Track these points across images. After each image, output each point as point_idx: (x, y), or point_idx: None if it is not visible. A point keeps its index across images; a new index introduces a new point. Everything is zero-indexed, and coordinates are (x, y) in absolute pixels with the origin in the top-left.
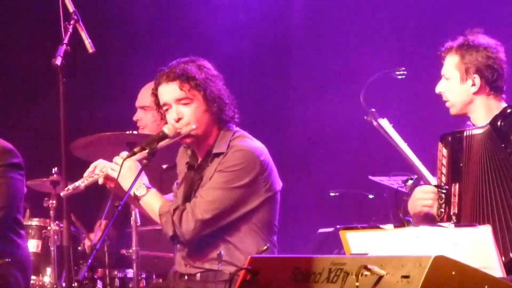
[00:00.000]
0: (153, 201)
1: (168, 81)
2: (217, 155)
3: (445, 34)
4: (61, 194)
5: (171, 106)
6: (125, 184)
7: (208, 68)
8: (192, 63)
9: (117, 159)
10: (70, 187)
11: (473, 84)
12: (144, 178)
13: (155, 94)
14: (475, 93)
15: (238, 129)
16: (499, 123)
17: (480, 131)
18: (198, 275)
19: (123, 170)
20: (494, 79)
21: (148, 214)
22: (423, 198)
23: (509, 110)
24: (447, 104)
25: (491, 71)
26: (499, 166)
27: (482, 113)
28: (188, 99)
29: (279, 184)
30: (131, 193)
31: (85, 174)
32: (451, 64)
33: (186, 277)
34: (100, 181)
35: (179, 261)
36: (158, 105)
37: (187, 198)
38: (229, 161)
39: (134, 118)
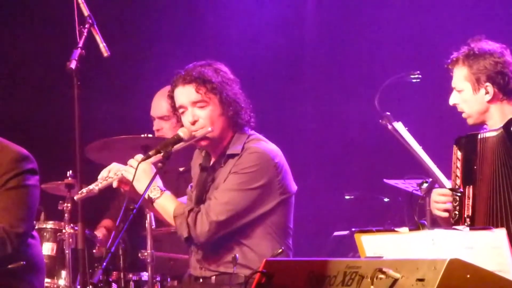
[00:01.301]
0: (167, 204)
1: (185, 83)
2: (231, 156)
3: (459, 36)
4: (75, 197)
5: (187, 109)
6: (139, 187)
7: (224, 72)
8: (208, 66)
9: (132, 162)
10: (84, 190)
11: (487, 93)
12: (158, 181)
13: (171, 96)
14: (490, 101)
15: (253, 133)
16: None
17: (494, 134)
18: (213, 278)
19: (137, 172)
20: (506, 84)
21: (163, 216)
22: (440, 201)
23: None
24: (463, 116)
25: (501, 77)
26: (511, 170)
27: (498, 118)
28: (204, 102)
29: (293, 187)
30: (146, 195)
31: (99, 177)
32: (460, 76)
33: (201, 280)
34: (115, 184)
35: (194, 264)
36: (174, 108)
37: (200, 199)
38: (244, 163)
39: (154, 128)
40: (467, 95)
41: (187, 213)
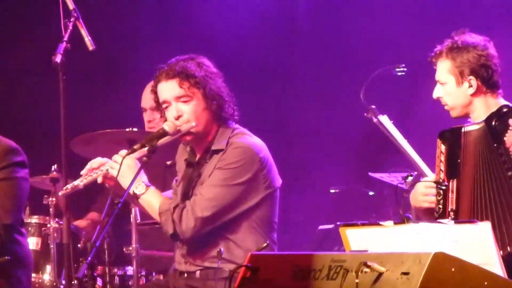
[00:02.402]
0: (152, 199)
1: (168, 78)
2: (216, 152)
3: (443, 30)
4: (60, 193)
5: (170, 104)
6: (124, 182)
7: (207, 66)
8: (191, 60)
9: (116, 157)
10: (69, 186)
11: (470, 86)
12: (143, 177)
13: (154, 91)
14: (473, 95)
15: (237, 126)
16: (493, 122)
17: (476, 127)
18: (198, 272)
19: (122, 168)
20: (489, 77)
21: (148, 212)
22: (426, 193)
23: (504, 110)
24: (446, 108)
25: (485, 70)
26: (491, 165)
27: (482, 111)
28: (188, 96)
29: (278, 181)
30: (130, 191)
31: (83, 172)
32: (444, 69)
33: (185, 275)
34: (99, 180)
35: (178, 259)
36: (157, 103)
37: (186, 195)
38: (229, 158)
39: (147, 120)
40: (451, 88)
41: (173, 209)
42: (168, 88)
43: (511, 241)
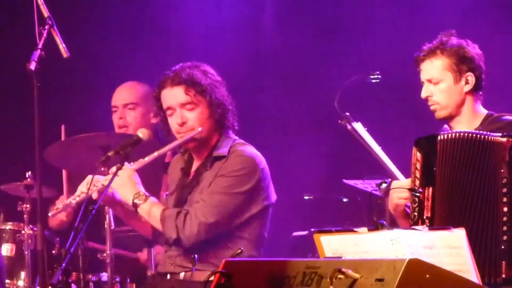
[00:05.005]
0: (153, 208)
1: (173, 85)
2: (218, 159)
3: (417, 38)
4: (49, 214)
5: (175, 110)
6: (124, 193)
7: (212, 74)
8: (196, 68)
9: (114, 169)
10: (60, 205)
11: (467, 83)
12: (141, 187)
13: (157, 98)
14: (468, 92)
15: (237, 138)
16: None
17: (453, 135)
18: (182, 274)
19: (122, 179)
20: (481, 77)
21: (147, 221)
22: (401, 196)
23: (488, 120)
24: (435, 107)
25: (479, 68)
26: (466, 172)
27: (469, 113)
28: (193, 104)
29: (274, 196)
30: (130, 202)
31: (78, 192)
32: (438, 66)
33: (168, 276)
34: (94, 196)
35: (164, 260)
36: (160, 109)
37: (181, 202)
38: (231, 166)
39: (117, 117)
40: (446, 85)
41: (176, 214)
42: (174, 95)
43: (485, 254)
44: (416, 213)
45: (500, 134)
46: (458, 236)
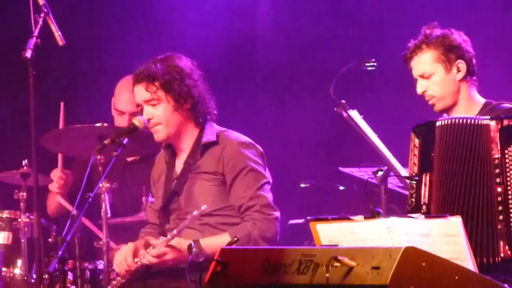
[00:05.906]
0: (213, 242)
1: (137, 83)
2: (208, 146)
3: (410, 25)
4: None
5: (143, 107)
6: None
7: (178, 66)
8: (161, 62)
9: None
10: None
11: (459, 71)
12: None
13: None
14: (461, 80)
15: (216, 125)
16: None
17: (451, 121)
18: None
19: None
20: (471, 62)
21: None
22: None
23: (487, 108)
24: (433, 101)
25: (468, 54)
26: (463, 159)
27: (466, 100)
28: (155, 100)
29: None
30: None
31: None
32: (427, 60)
33: None
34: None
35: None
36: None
37: (172, 195)
38: (244, 156)
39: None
40: (439, 77)
41: (251, 230)
42: (138, 93)
43: (482, 236)
44: (413, 199)
45: (489, 117)
46: (454, 224)
